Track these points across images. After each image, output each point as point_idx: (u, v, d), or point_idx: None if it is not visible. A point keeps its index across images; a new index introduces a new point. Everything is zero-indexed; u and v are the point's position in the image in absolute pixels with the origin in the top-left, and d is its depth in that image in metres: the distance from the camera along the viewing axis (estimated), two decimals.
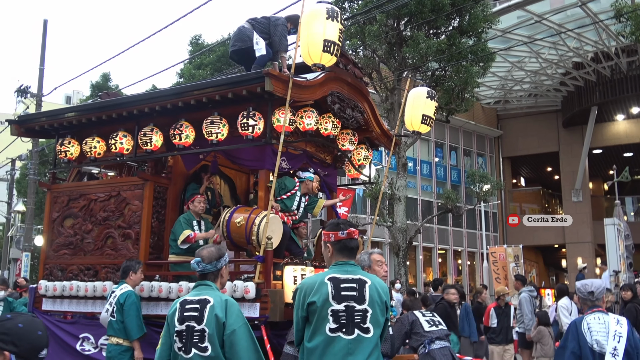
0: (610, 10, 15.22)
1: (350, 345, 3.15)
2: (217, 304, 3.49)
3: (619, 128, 29.47)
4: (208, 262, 3.66)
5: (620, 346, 4.05)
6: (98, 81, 26.38)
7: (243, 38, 6.91)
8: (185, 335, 3.49)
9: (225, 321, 3.45)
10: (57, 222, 7.47)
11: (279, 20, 7.10)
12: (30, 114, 9.74)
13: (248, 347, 3.49)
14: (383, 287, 3.40)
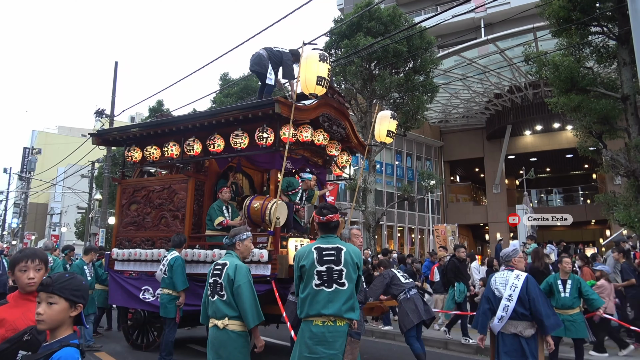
0: (521, 56, 15.26)
1: (330, 295, 3.22)
2: (231, 267, 3.62)
3: (526, 140, 29.57)
4: (228, 238, 3.94)
5: (515, 294, 4.15)
6: (154, 105, 26.10)
7: (260, 64, 6.76)
8: (212, 286, 3.68)
9: (233, 278, 3.55)
10: (125, 207, 7.45)
11: (289, 57, 7.02)
12: (105, 129, 9.65)
13: (248, 296, 3.53)
14: (356, 252, 3.38)
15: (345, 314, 3.21)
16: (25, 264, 2.40)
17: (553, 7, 11.22)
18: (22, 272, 2.40)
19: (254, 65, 6.82)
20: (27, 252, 2.47)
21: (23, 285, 2.40)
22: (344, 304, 3.21)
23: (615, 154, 11.07)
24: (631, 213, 10.21)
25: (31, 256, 2.43)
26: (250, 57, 6.80)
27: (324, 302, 3.21)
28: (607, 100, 10.94)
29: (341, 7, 39.81)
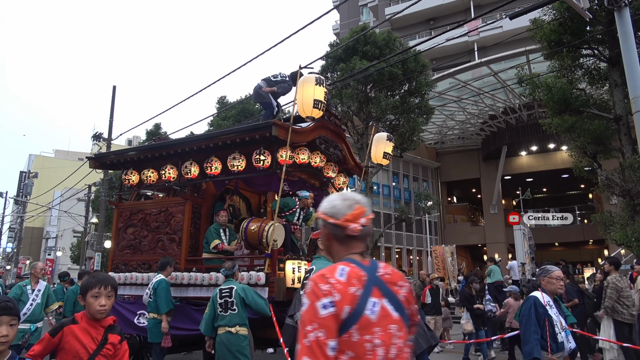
0: (514, 78, 15.49)
1: None
2: (239, 288, 4.99)
3: (522, 161, 29.73)
4: (229, 269, 5.19)
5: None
6: (152, 129, 26.22)
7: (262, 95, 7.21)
8: (223, 305, 4.94)
9: (244, 296, 4.93)
10: (122, 230, 7.42)
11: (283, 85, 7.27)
12: (102, 153, 9.67)
13: (262, 302, 5.00)
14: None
15: None
16: (98, 290, 2.39)
17: (544, 30, 11.45)
18: (94, 298, 2.39)
19: (257, 98, 7.09)
20: (99, 278, 2.46)
21: (94, 312, 2.39)
22: None
23: (610, 174, 11.14)
24: (628, 232, 10.22)
25: (104, 282, 2.42)
26: (253, 90, 7.13)
27: None
28: (600, 121, 11.08)
29: (337, 31, 40.54)
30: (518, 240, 18.09)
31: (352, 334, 1.47)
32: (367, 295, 1.53)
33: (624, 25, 6.03)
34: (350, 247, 1.67)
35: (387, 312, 1.55)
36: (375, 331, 1.50)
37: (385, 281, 1.61)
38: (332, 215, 1.66)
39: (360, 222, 1.64)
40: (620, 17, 6.06)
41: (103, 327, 2.42)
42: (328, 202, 1.71)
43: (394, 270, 1.69)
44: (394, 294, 1.60)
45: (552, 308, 3.68)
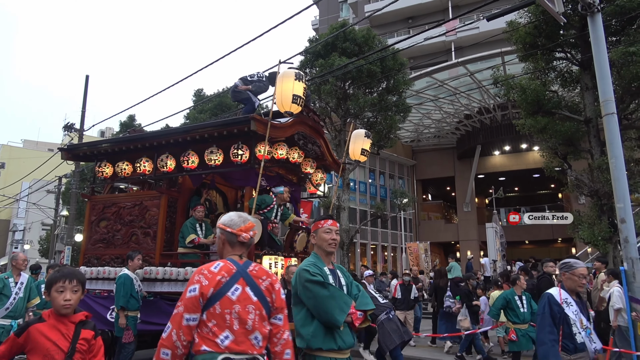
0: (489, 78, 15.78)
1: None
2: None
3: (495, 160, 30.31)
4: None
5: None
6: (125, 120, 25.69)
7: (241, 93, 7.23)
8: None
9: None
10: (94, 223, 7.27)
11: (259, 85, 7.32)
12: (75, 144, 9.44)
13: None
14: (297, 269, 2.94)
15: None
16: (63, 284, 2.30)
17: (520, 33, 11.70)
18: (58, 292, 2.29)
19: (236, 96, 7.06)
20: (65, 272, 2.36)
21: (58, 307, 2.29)
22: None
23: (579, 174, 11.49)
24: (595, 231, 10.57)
25: (69, 276, 2.32)
26: (230, 92, 7.12)
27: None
28: (571, 123, 11.40)
29: (316, 27, 40.43)
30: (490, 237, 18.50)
31: (215, 308, 2.19)
32: (233, 282, 2.24)
33: (596, 30, 6.20)
34: (235, 250, 2.38)
35: (248, 296, 2.26)
36: (235, 307, 2.21)
37: (251, 275, 2.32)
38: (230, 226, 2.40)
39: (250, 233, 2.40)
40: (593, 22, 6.23)
41: (73, 322, 2.32)
42: (228, 217, 2.46)
43: (262, 269, 2.40)
44: (256, 284, 2.31)
45: (570, 306, 3.40)
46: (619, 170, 5.81)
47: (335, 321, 2.60)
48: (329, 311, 2.60)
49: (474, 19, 29.03)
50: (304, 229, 7.58)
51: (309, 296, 2.69)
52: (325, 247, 2.88)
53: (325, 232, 2.89)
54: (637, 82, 10.15)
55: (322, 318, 2.63)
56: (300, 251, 7.19)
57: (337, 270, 2.94)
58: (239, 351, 2.17)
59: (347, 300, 2.71)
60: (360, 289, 2.95)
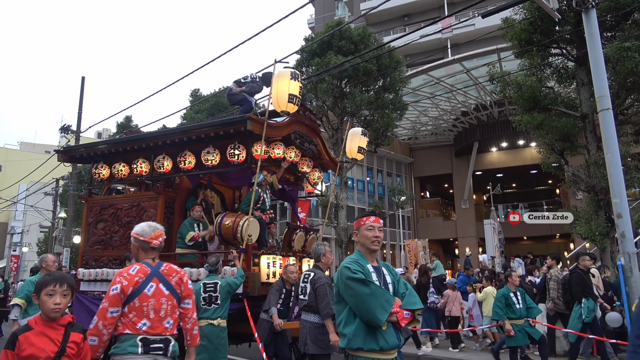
0: (486, 75, 15.80)
1: None
2: (224, 283, 5.12)
3: (493, 157, 30.36)
4: (212, 265, 5.30)
5: None
6: (122, 121, 25.64)
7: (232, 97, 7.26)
8: (207, 299, 5.02)
9: (229, 290, 5.13)
10: (92, 225, 7.26)
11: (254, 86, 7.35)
12: (72, 145, 9.42)
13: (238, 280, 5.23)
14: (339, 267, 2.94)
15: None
16: (53, 288, 2.29)
17: (515, 29, 11.70)
18: (48, 296, 2.29)
19: (231, 99, 7.10)
20: (55, 276, 2.36)
21: (48, 311, 2.28)
22: None
23: (576, 170, 11.51)
24: (592, 227, 10.60)
25: (59, 280, 2.33)
26: (226, 95, 7.17)
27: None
28: (568, 119, 11.41)
29: (312, 25, 40.41)
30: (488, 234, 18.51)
31: (135, 302, 2.78)
32: (148, 281, 2.84)
33: (590, 26, 6.21)
34: (148, 255, 2.96)
35: (161, 290, 2.88)
36: (150, 301, 2.82)
37: (163, 274, 2.94)
38: (142, 235, 2.98)
39: (159, 240, 2.99)
40: (588, 18, 6.24)
41: (62, 326, 2.33)
42: (140, 227, 3.03)
43: (171, 268, 3.03)
44: (167, 281, 2.94)
45: None
46: (615, 166, 5.83)
47: (376, 320, 2.51)
48: (370, 310, 2.52)
49: (469, 16, 29.03)
50: (302, 228, 7.59)
51: (350, 294, 2.61)
52: (368, 244, 2.82)
53: (368, 230, 2.84)
54: (632, 77, 10.17)
55: (363, 317, 2.55)
56: (298, 250, 7.20)
57: (382, 268, 2.84)
58: (154, 334, 2.78)
59: (390, 298, 2.60)
60: (408, 287, 2.84)
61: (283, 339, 5.62)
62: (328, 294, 4.62)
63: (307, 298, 4.70)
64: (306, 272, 4.95)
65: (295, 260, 6.72)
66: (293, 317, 5.78)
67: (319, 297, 4.61)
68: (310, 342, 4.58)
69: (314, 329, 4.63)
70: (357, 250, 2.87)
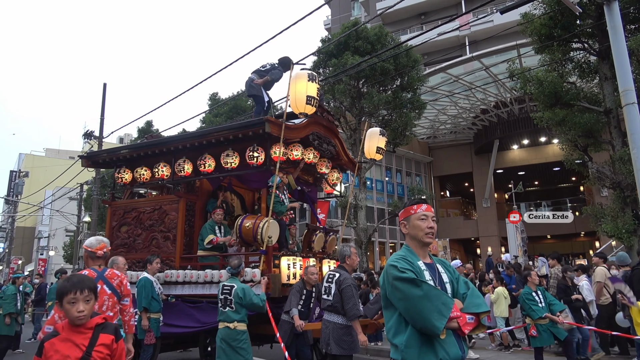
0: (505, 72, 15.57)
1: None
2: (239, 289, 5.04)
3: (514, 155, 29.91)
4: (234, 268, 5.26)
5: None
6: (143, 126, 26.06)
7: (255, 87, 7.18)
8: (222, 301, 5.07)
9: (242, 296, 4.97)
10: (115, 229, 7.40)
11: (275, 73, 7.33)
12: (95, 151, 9.60)
13: (257, 299, 5.02)
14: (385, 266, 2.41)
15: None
16: (74, 296, 2.22)
17: (535, 24, 11.52)
18: (71, 304, 2.21)
19: (250, 90, 7.05)
20: (74, 282, 2.27)
21: (73, 319, 2.22)
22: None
23: (600, 167, 11.26)
24: (618, 224, 10.36)
25: (79, 287, 2.24)
26: (245, 84, 7.08)
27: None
28: (591, 114, 11.18)
29: (328, 26, 40.44)
30: (510, 233, 18.26)
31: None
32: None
33: (613, 19, 6.07)
34: (95, 262, 3.87)
35: (104, 290, 3.77)
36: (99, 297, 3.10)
37: (107, 277, 3.84)
38: (90, 247, 3.86)
39: (103, 250, 3.87)
40: (610, 10, 6.10)
41: (90, 329, 2.26)
42: (89, 241, 3.92)
43: (113, 272, 3.96)
44: (110, 282, 3.84)
45: None
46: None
47: (432, 327, 2.08)
48: (424, 315, 2.09)
49: (487, 12, 28.65)
50: (321, 229, 7.59)
51: (399, 297, 2.17)
52: (422, 237, 2.38)
53: (420, 219, 2.41)
54: None
55: (416, 324, 2.12)
56: (318, 251, 7.20)
57: (437, 265, 2.39)
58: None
59: (447, 300, 2.16)
60: (469, 287, 2.39)
61: (304, 340, 5.63)
62: (355, 295, 4.62)
63: (332, 298, 4.68)
64: (330, 272, 4.93)
65: (315, 261, 6.73)
66: (314, 318, 5.79)
67: (345, 298, 4.59)
68: (333, 342, 4.57)
69: (337, 330, 4.62)
70: (406, 245, 2.43)
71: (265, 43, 8.30)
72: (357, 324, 4.58)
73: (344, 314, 4.62)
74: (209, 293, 6.10)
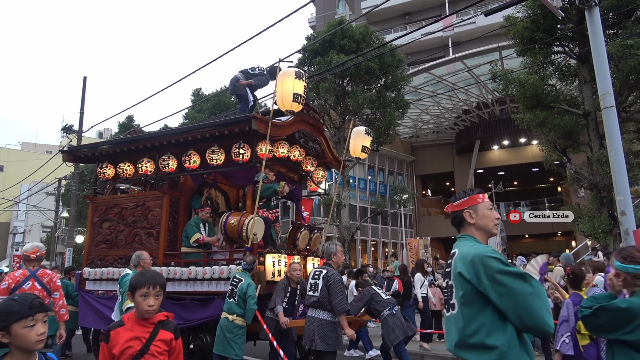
0: (487, 73, 15.81)
1: (447, 323, 2.18)
2: (245, 283, 5.26)
3: (494, 155, 30.35)
4: (250, 264, 5.46)
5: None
6: (124, 121, 25.68)
7: (240, 87, 7.21)
8: (230, 291, 5.33)
9: (246, 291, 5.22)
10: (97, 225, 7.30)
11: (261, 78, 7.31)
12: (76, 145, 9.45)
13: (251, 306, 5.18)
14: (464, 256, 2.09)
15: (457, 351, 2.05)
16: (147, 290, 2.36)
17: (517, 27, 11.72)
18: (142, 297, 2.35)
19: (235, 89, 7.03)
20: (148, 277, 2.41)
21: (142, 312, 2.36)
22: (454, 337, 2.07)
23: (578, 168, 11.53)
24: (595, 224, 10.63)
25: (152, 281, 2.39)
26: (230, 82, 7.05)
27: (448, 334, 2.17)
28: (570, 117, 11.43)
29: (313, 24, 40.40)
30: None
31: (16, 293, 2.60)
32: (27, 280, 4.67)
33: (593, 24, 6.22)
34: (30, 264, 4.78)
35: (35, 286, 4.67)
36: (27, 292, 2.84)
37: (38, 275, 4.75)
38: (26, 251, 4.79)
39: (37, 254, 4.78)
40: (591, 15, 6.25)
41: (152, 324, 2.39)
42: (25, 246, 4.87)
43: (45, 272, 4.85)
44: (41, 280, 4.74)
45: None
46: (618, 163, 5.84)
47: (545, 326, 1.92)
48: (536, 313, 1.92)
49: (471, 14, 29.00)
50: (306, 226, 7.62)
51: (503, 293, 1.95)
52: (491, 227, 2.26)
53: (488, 209, 2.28)
54: (635, 75, 10.19)
55: (524, 322, 1.93)
56: (302, 249, 7.23)
57: None
58: None
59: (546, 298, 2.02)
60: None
61: (288, 336, 5.65)
62: (342, 290, 4.72)
63: (319, 294, 4.71)
64: (317, 269, 4.96)
65: (300, 258, 6.76)
66: (298, 315, 5.82)
67: (333, 293, 4.64)
68: (318, 339, 4.60)
69: (323, 326, 4.65)
70: (471, 236, 2.22)
71: (250, 40, 8.28)
72: (344, 319, 4.67)
73: (330, 310, 4.66)
74: (192, 290, 6.07)
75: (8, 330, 1.77)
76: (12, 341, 1.78)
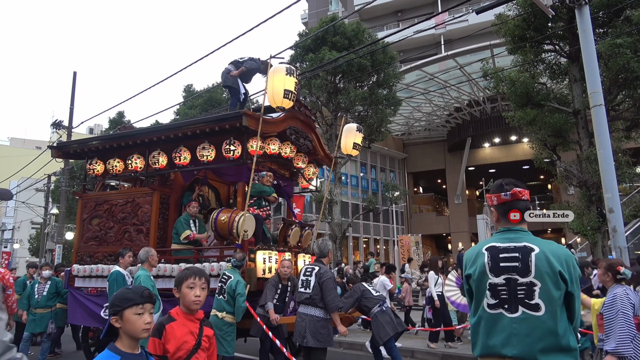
0: (479, 71, 15.85)
1: (515, 325, 1.99)
2: (234, 281, 5.23)
3: (485, 152, 30.50)
4: (239, 260, 5.43)
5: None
6: (115, 117, 25.47)
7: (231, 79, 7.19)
8: (218, 288, 5.29)
9: (235, 289, 5.18)
10: (86, 221, 7.24)
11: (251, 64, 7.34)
12: (65, 141, 9.34)
13: (240, 304, 5.15)
14: (558, 254, 2.03)
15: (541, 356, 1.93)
16: (194, 281, 2.42)
17: (509, 25, 11.76)
18: (189, 289, 2.41)
19: (225, 81, 6.99)
20: (194, 270, 2.49)
21: (189, 303, 2.41)
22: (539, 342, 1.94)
23: (568, 166, 11.62)
24: (584, 221, 10.72)
25: (198, 274, 2.46)
26: (221, 74, 7.01)
27: (504, 336, 2.00)
28: (560, 115, 11.51)
29: (305, 20, 40.28)
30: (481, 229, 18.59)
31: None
32: None
33: (583, 22, 6.26)
34: None
35: None
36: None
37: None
38: None
39: None
40: (581, 14, 6.29)
41: (198, 319, 2.45)
42: None
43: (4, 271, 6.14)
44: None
45: None
46: (607, 161, 5.90)
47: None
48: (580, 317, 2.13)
49: (463, 12, 29.07)
50: (297, 223, 7.61)
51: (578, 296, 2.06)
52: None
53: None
54: (624, 73, 10.27)
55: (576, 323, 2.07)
56: (293, 246, 7.22)
57: None
58: None
59: None
60: None
61: (279, 333, 5.65)
62: (335, 287, 4.76)
63: (311, 291, 4.72)
64: (309, 265, 4.97)
65: (291, 255, 6.75)
66: (289, 312, 5.82)
67: (326, 290, 4.65)
68: (309, 335, 4.61)
69: (314, 323, 4.66)
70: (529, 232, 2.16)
71: (242, 35, 8.23)
72: (336, 316, 4.72)
73: (322, 307, 4.67)
74: None
75: (121, 315, 1.90)
76: (123, 327, 1.90)
